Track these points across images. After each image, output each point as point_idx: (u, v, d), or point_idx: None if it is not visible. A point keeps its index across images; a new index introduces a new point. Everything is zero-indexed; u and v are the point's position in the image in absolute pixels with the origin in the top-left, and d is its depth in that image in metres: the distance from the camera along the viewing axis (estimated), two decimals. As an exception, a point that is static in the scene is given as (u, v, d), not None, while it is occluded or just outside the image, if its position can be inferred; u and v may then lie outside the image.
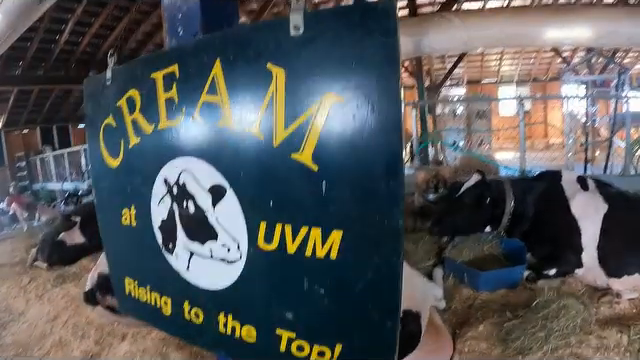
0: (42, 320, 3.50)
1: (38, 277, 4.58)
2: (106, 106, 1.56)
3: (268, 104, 1.08)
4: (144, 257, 1.56)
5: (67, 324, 3.32)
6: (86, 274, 4.51)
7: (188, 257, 1.40)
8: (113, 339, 2.99)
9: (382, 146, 0.94)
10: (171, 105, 1.32)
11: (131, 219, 1.56)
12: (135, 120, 1.45)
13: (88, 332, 3.12)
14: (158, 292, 1.54)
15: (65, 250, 4.98)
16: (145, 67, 1.40)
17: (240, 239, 1.23)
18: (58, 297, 3.92)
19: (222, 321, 1.34)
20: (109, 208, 1.66)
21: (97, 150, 1.62)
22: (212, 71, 1.19)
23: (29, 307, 3.86)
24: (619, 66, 10.66)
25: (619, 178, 5.40)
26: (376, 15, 0.92)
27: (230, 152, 1.21)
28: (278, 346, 1.22)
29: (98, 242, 4.95)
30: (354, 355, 1.11)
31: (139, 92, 1.42)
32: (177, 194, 1.37)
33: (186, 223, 1.38)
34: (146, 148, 1.45)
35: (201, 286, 1.39)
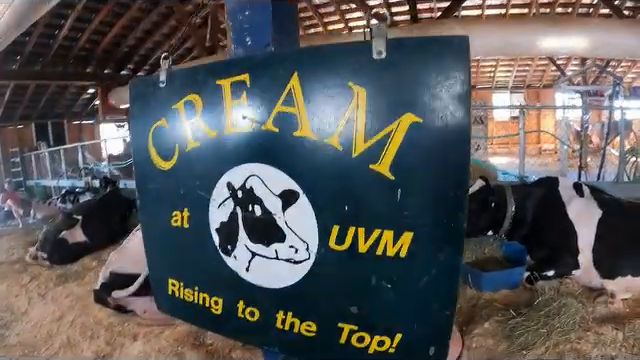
0: (47, 320, 3.48)
1: (39, 276, 4.55)
2: (158, 108, 1.58)
3: (349, 119, 1.18)
4: (195, 258, 1.59)
5: (74, 324, 3.30)
6: (89, 273, 4.52)
7: (249, 258, 1.45)
8: (124, 339, 2.98)
9: (452, 160, 1.10)
10: (239, 112, 1.37)
11: (183, 221, 1.58)
12: (195, 124, 1.49)
13: (97, 332, 3.10)
14: (208, 292, 1.58)
15: (67, 248, 4.96)
16: (209, 74, 1.44)
17: (310, 241, 1.32)
18: (62, 296, 3.89)
19: (280, 318, 1.42)
20: (156, 209, 1.68)
21: (144, 151, 1.63)
22: (289, 84, 1.26)
23: (32, 306, 3.83)
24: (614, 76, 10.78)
25: (612, 185, 5.52)
26: (452, 48, 1.06)
27: (305, 160, 1.28)
28: (338, 339, 1.32)
29: (100, 241, 5.02)
30: (412, 343, 1.24)
31: (201, 97, 1.46)
32: (242, 198, 1.42)
33: (250, 226, 1.44)
34: (207, 152, 1.48)
35: (261, 285, 1.45)
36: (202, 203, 1.52)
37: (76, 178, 9.62)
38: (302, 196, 1.30)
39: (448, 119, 1.07)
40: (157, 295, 1.79)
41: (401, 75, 1.12)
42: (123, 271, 3.20)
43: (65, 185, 9.29)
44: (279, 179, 1.33)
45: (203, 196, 1.51)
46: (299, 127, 1.27)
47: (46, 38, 10.32)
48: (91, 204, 6.13)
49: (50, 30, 10.07)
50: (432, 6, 11.52)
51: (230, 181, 1.44)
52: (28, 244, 5.74)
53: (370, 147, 1.17)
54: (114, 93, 12.11)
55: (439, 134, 1.09)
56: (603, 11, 10.49)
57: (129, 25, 11.18)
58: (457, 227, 1.12)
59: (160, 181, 1.62)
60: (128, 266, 3.24)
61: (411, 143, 1.11)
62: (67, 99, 14.09)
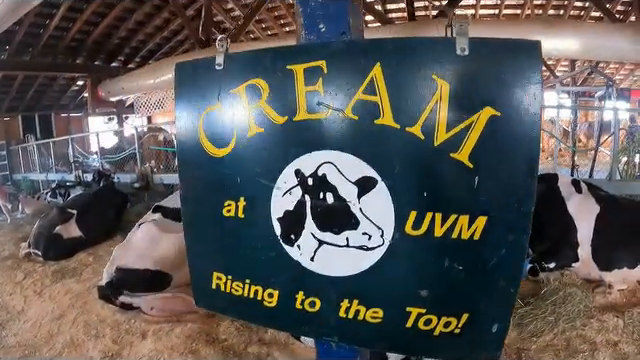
0: (46, 319, 3.36)
1: (33, 272, 4.41)
2: (213, 92, 1.51)
3: (432, 110, 1.24)
4: (249, 250, 1.55)
5: (76, 322, 3.19)
6: (86, 269, 4.39)
7: (315, 247, 1.45)
8: (133, 337, 2.89)
9: (524, 150, 1.19)
10: (314, 99, 1.36)
11: (238, 211, 1.54)
12: (259, 109, 1.44)
13: (102, 330, 3.00)
14: (262, 285, 1.56)
15: (62, 244, 4.83)
16: (278, 58, 1.41)
17: (385, 227, 1.34)
18: (60, 294, 3.77)
19: (345, 306, 1.44)
20: (204, 199, 1.61)
21: (193, 138, 1.56)
22: (371, 73, 1.28)
23: (29, 305, 3.70)
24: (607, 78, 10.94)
25: (607, 183, 5.65)
26: (527, 50, 1.18)
27: (386, 148, 1.31)
28: (405, 323, 1.37)
29: (95, 236, 4.88)
30: (478, 321, 1.32)
31: (266, 82, 1.42)
32: (313, 185, 1.41)
33: (320, 214, 1.43)
34: (273, 139, 1.45)
35: (325, 274, 1.45)
36: (263, 191, 1.48)
37: (66, 172, 9.37)
38: (380, 183, 1.33)
39: (522, 114, 1.18)
40: (197, 290, 1.72)
41: (482, 72, 1.20)
42: (129, 266, 3.10)
43: (54, 179, 9.03)
44: (356, 166, 1.35)
45: (265, 184, 1.47)
46: (380, 115, 1.29)
47: (36, 27, 10.00)
48: (86, 198, 5.96)
49: (41, 19, 9.77)
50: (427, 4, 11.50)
51: (299, 168, 1.42)
52: (19, 240, 5.58)
53: (451, 137, 1.23)
54: (104, 85, 11.81)
55: (514, 127, 1.19)
56: (594, 14, 10.60)
57: (121, 16, 10.93)
58: (526, 210, 1.21)
59: (211, 169, 1.55)
60: (134, 261, 3.15)
61: (489, 134, 1.20)
62: (55, 91, 13.74)
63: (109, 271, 3.12)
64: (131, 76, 11.23)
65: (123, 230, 5.68)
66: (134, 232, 3.59)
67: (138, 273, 3.06)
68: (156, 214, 3.94)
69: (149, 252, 3.22)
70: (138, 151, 7.58)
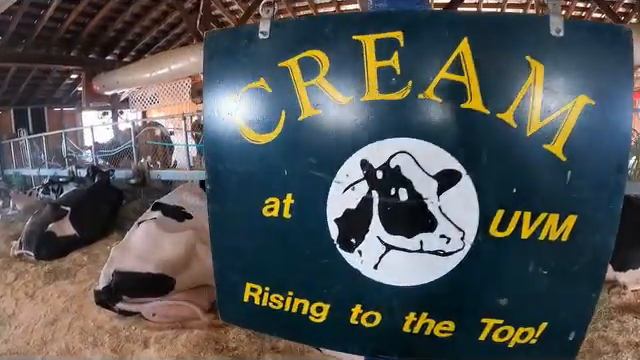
0: (39, 323, 3.13)
1: (25, 273, 4.18)
2: (254, 66, 1.28)
3: (525, 95, 1.11)
4: (295, 257, 1.34)
5: (72, 328, 2.96)
6: (80, 269, 4.16)
7: (381, 253, 1.25)
8: (134, 345, 2.67)
9: (616, 144, 1.11)
10: (388, 76, 1.16)
11: (283, 210, 1.30)
12: (316, 87, 1.22)
13: (100, 337, 2.79)
14: (308, 298, 1.34)
15: (55, 242, 4.61)
16: (343, 26, 1.20)
17: (467, 228, 1.19)
18: (53, 296, 3.55)
19: (410, 320, 1.28)
20: (239, 196, 1.36)
21: (227, 121, 1.31)
22: (457, 49, 1.13)
23: (20, 308, 3.47)
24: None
25: None
26: (622, 37, 1.09)
27: (473, 136, 1.16)
28: (477, 336, 1.24)
29: (90, 234, 4.65)
30: (555, 330, 1.22)
31: (326, 54, 1.20)
32: (383, 180, 1.21)
33: (390, 213, 1.23)
34: (333, 123, 1.22)
35: (390, 284, 1.27)
36: (317, 187, 1.25)
37: (59, 167, 9.10)
38: (464, 177, 1.16)
39: (616, 104, 1.10)
40: (223, 303, 1.48)
41: (577, 56, 1.11)
42: (129, 269, 2.87)
43: (47, 174, 8.76)
44: (437, 157, 1.17)
45: (321, 177, 1.25)
46: (468, 98, 1.13)
47: (30, 18, 9.69)
48: (80, 194, 5.73)
49: (35, 9, 9.46)
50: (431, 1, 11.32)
51: (366, 159, 1.21)
52: (10, 237, 5.33)
53: (545, 126, 1.11)
54: (99, 79, 11.51)
55: (607, 118, 1.10)
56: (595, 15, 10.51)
57: (118, 8, 10.64)
58: (615, 209, 1.14)
59: (250, 159, 1.31)
60: (133, 264, 2.93)
61: (583, 125, 1.10)
62: (49, 84, 13.37)
63: (107, 274, 2.90)
64: (127, 70, 10.98)
65: (119, 228, 5.49)
66: (133, 231, 3.37)
67: (139, 277, 2.84)
68: (156, 212, 3.71)
69: (150, 253, 3.00)
70: (134, 146, 7.32)
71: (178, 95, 12.28)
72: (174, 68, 9.96)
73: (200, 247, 3.25)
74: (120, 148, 7.74)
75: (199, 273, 3.15)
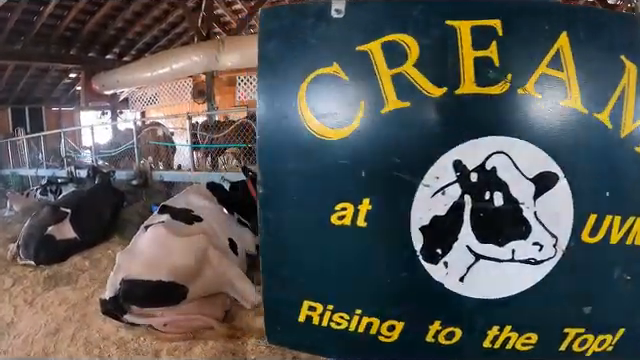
0: (40, 333, 2.91)
1: (23, 278, 3.95)
2: (326, 48, 1.14)
3: (619, 95, 1.07)
4: (369, 271, 1.21)
5: (75, 339, 2.75)
6: (82, 275, 3.94)
7: (469, 264, 1.16)
8: (144, 358, 2.46)
9: None
10: (486, 67, 1.07)
11: (357, 217, 1.16)
12: (404, 76, 1.09)
13: (107, 349, 2.57)
14: (379, 316, 1.22)
15: (55, 246, 4.38)
16: (434, 9, 1.10)
17: (560, 234, 1.13)
18: (54, 304, 3.32)
19: (492, 335, 1.19)
20: (303, 201, 1.21)
21: (288, 113, 1.16)
22: (557, 43, 1.06)
23: (19, 316, 3.24)
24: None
25: None
26: None
27: (571, 136, 1.07)
28: (558, 346, 1.20)
29: (91, 238, 4.44)
30: (632, 336, 1.18)
31: (416, 39, 1.09)
32: (478, 183, 1.12)
33: (483, 220, 1.14)
34: (424, 117, 1.13)
35: (475, 297, 1.19)
36: (402, 190, 1.14)
37: (57, 167, 8.86)
38: (562, 180, 1.10)
39: None
40: (273, 323, 1.34)
41: None
42: (138, 277, 2.66)
43: (45, 175, 8.53)
44: (535, 158, 1.09)
45: (406, 180, 1.13)
46: (567, 96, 1.07)
47: (30, 14, 9.47)
48: (80, 196, 5.49)
49: (35, 6, 9.24)
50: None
51: (460, 159, 1.11)
52: (7, 240, 5.10)
53: (638, 127, 1.08)
54: (99, 78, 11.30)
55: None
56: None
57: (119, 6, 10.43)
58: None
59: (318, 158, 1.16)
60: (143, 271, 2.71)
61: None
62: (47, 83, 13.12)
63: (113, 283, 2.68)
64: (127, 69, 10.80)
65: (120, 231, 5.27)
66: (140, 236, 3.14)
67: (149, 285, 2.63)
68: (164, 215, 3.49)
69: (161, 260, 2.79)
70: (136, 146, 7.11)
71: (179, 95, 12.09)
72: (176, 67, 9.81)
73: (212, 252, 3.04)
74: (122, 148, 7.52)
75: (212, 280, 2.95)
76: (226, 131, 6.70)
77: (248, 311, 3.00)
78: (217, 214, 3.93)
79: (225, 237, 3.57)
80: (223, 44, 9.07)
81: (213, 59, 9.16)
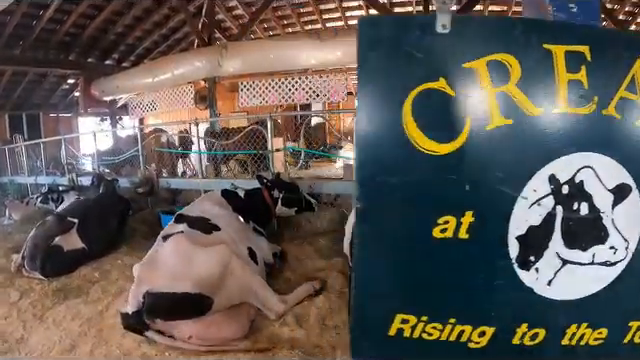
0: (55, 350, 2.74)
1: (30, 291, 3.75)
2: (433, 63, 1.15)
3: None
4: (467, 281, 1.27)
5: (94, 356, 2.58)
6: (93, 287, 3.75)
7: (557, 269, 1.27)
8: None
9: None
10: (577, 89, 1.18)
11: (459, 229, 1.20)
12: (507, 95, 1.16)
13: (131, 366, 2.40)
14: (472, 323, 1.29)
15: (62, 257, 4.20)
16: (532, 32, 1.16)
17: (631, 239, 1.25)
18: (66, 318, 3.15)
19: (570, 333, 1.30)
20: (403, 214, 1.22)
21: (391, 127, 1.14)
22: (633, 69, 1.16)
23: (29, 332, 3.06)
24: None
25: None
26: None
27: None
28: (623, 339, 1.29)
29: (99, 248, 4.26)
30: None
31: (517, 59, 1.15)
32: (568, 194, 1.23)
33: (571, 228, 1.25)
34: (524, 135, 1.18)
35: (559, 299, 1.29)
36: (502, 203, 1.21)
37: (57, 175, 8.65)
38: (634, 190, 1.23)
39: None
40: (360, 338, 1.32)
41: None
42: (164, 290, 2.50)
43: (45, 182, 8.32)
44: (614, 171, 1.22)
45: (507, 193, 1.20)
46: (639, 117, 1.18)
47: (29, 19, 9.30)
48: (86, 205, 5.30)
49: (34, 10, 9.07)
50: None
51: (554, 173, 1.21)
52: (9, 250, 4.90)
53: None
54: (98, 84, 11.12)
55: None
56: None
57: (119, 10, 10.29)
58: None
59: (423, 171, 1.18)
60: (167, 283, 2.55)
61: None
62: (45, 89, 12.90)
63: (136, 296, 2.51)
64: (127, 74, 10.65)
65: (128, 240, 5.10)
66: (160, 246, 2.98)
67: (175, 298, 2.47)
68: (181, 224, 3.33)
69: (185, 271, 2.63)
70: (141, 153, 6.93)
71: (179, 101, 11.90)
72: (177, 73, 9.68)
73: (235, 262, 2.89)
74: (126, 155, 7.33)
75: (236, 291, 2.80)
76: (236, 137, 6.54)
77: (273, 322, 2.87)
78: (234, 223, 3.78)
79: (244, 246, 3.42)
80: (226, 49, 8.93)
81: (216, 64, 9.03)
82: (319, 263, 4.06)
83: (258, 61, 8.89)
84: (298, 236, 4.99)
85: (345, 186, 5.52)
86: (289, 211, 4.63)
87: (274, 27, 13.62)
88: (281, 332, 2.73)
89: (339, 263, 3.94)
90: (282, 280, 3.64)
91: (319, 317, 2.88)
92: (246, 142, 6.51)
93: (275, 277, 3.65)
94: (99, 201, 5.42)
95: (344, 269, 3.73)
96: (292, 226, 5.22)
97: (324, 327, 2.77)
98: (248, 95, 9.90)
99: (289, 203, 4.60)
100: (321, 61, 8.54)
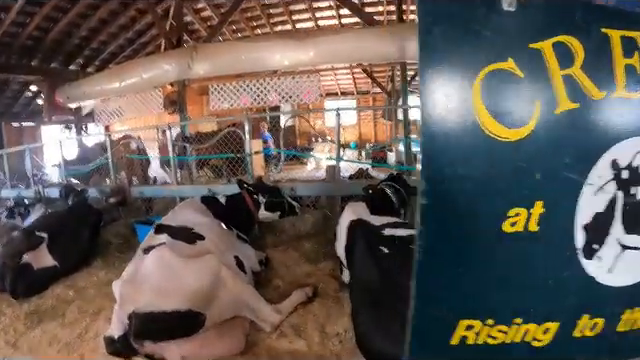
0: (32, 382, 2.51)
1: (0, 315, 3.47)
2: (501, 42, 1.09)
3: None
4: (535, 276, 1.21)
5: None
6: (69, 307, 3.50)
7: (616, 255, 1.25)
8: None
9: None
10: (632, 74, 1.17)
11: (529, 222, 1.13)
12: (573, 78, 1.13)
13: (120, 395, 2.21)
14: (536, 321, 1.23)
15: (32, 276, 3.91)
16: (592, 15, 1.15)
17: None
18: (42, 344, 2.92)
19: (625, 319, 1.29)
20: (473, 209, 1.12)
21: (460, 112, 1.04)
22: None
23: (2, 360, 2.82)
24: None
25: None
26: None
27: None
28: None
29: (72, 264, 3.99)
30: None
31: (580, 42, 1.13)
32: (628, 179, 1.22)
33: (629, 213, 1.23)
34: (589, 119, 1.16)
35: (617, 286, 1.27)
36: (569, 190, 1.17)
37: (21, 187, 8.20)
38: None
39: None
40: (419, 350, 1.18)
41: None
42: (151, 309, 2.30)
43: (9, 196, 7.86)
44: None
45: (574, 180, 1.16)
46: None
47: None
48: (56, 218, 5.00)
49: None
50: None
51: (616, 158, 1.19)
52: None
53: None
54: (63, 90, 10.60)
55: None
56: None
57: (84, 13, 9.87)
58: None
59: (494, 160, 1.09)
60: (153, 301, 2.36)
61: None
62: (7, 97, 12.24)
63: (120, 318, 2.32)
64: (94, 79, 10.21)
65: (102, 254, 4.84)
66: (141, 261, 2.76)
67: (163, 317, 2.27)
68: (161, 235, 3.14)
69: (172, 286, 2.44)
70: (112, 161, 6.62)
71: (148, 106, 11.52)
72: (146, 77, 9.31)
73: (225, 273, 2.73)
74: (97, 163, 6.99)
75: (228, 304, 2.64)
76: (212, 141, 6.32)
77: (269, 334, 2.73)
78: (218, 230, 3.61)
79: (231, 255, 3.27)
80: (196, 51, 8.67)
81: (186, 67, 8.74)
82: (307, 268, 3.94)
83: (230, 63, 8.65)
84: (282, 241, 4.85)
85: (328, 187, 5.40)
86: (272, 216, 4.45)
87: (243, 29, 13.40)
88: (280, 345, 2.60)
89: (328, 267, 3.83)
90: (271, 288, 3.49)
91: (317, 325, 2.76)
92: (222, 146, 6.31)
93: (264, 285, 3.50)
94: (69, 213, 5.13)
95: (335, 273, 3.62)
96: (275, 231, 5.07)
97: (324, 335, 2.64)
98: (219, 98, 9.63)
99: (272, 207, 4.41)
100: (294, 62, 8.38)
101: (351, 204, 3.58)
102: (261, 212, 4.34)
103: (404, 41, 7.57)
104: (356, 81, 18.95)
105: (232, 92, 9.41)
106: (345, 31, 9.24)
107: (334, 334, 2.63)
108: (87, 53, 11.75)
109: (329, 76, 17.65)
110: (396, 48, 7.66)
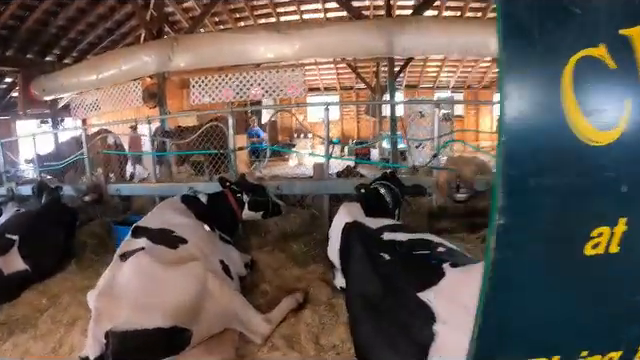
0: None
1: (-33, 326, 3.21)
2: (591, 24, 0.91)
3: None
4: (610, 302, 1.05)
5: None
6: (42, 317, 3.26)
7: None
8: None
9: None
10: None
11: (610, 243, 0.97)
12: None
13: None
14: (602, 352, 1.08)
15: (2, 282, 3.65)
16: None
17: None
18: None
19: None
20: (554, 229, 0.95)
21: (552, 107, 0.87)
22: None
23: (-32, 379, 2.58)
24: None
25: None
26: None
27: None
28: None
29: (45, 268, 3.72)
30: None
31: None
32: None
33: None
34: None
35: None
36: None
37: (-8, 186, 7.79)
38: None
39: None
40: None
41: None
42: (127, 327, 2.09)
43: (-21, 194, 7.46)
44: None
45: None
46: None
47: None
48: (27, 218, 4.70)
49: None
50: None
51: None
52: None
53: None
54: (39, 82, 10.16)
55: None
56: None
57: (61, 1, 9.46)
58: None
59: (583, 169, 0.93)
60: (134, 318, 2.14)
61: None
62: (-23, 92, 11.79)
63: (97, 336, 2.09)
64: (71, 70, 9.81)
65: (78, 257, 4.58)
66: (118, 269, 2.50)
67: (144, 335, 2.06)
68: (140, 239, 2.89)
69: (154, 299, 2.22)
70: (88, 157, 6.32)
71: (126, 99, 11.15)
72: (124, 69, 8.97)
73: (212, 281, 2.53)
74: (71, 159, 6.66)
75: (216, 316, 2.45)
76: (194, 136, 6.07)
77: (260, 346, 2.55)
78: (200, 232, 3.37)
79: (216, 259, 3.06)
80: (177, 42, 8.36)
81: (166, 59, 8.43)
82: (296, 271, 3.77)
83: (212, 55, 8.37)
84: (267, 242, 4.65)
85: (315, 185, 5.23)
86: (255, 215, 4.23)
87: (226, 21, 13.09)
88: (272, 358, 2.41)
89: (319, 270, 3.67)
90: (259, 294, 3.31)
91: (311, 335, 2.59)
92: (203, 141, 6.07)
93: (250, 291, 3.30)
94: (42, 213, 4.84)
95: (326, 276, 3.46)
96: (259, 231, 4.87)
97: (319, 347, 2.48)
98: (200, 92, 9.36)
99: (256, 206, 4.19)
100: (279, 55, 8.15)
101: (346, 204, 3.40)
102: (245, 212, 4.12)
103: (392, 35, 7.44)
104: (340, 77, 18.78)
105: (214, 85, 9.15)
106: (331, 24, 9.02)
107: (330, 346, 2.47)
108: (64, 44, 11.33)
109: (312, 71, 17.43)
110: (384, 43, 7.51)
